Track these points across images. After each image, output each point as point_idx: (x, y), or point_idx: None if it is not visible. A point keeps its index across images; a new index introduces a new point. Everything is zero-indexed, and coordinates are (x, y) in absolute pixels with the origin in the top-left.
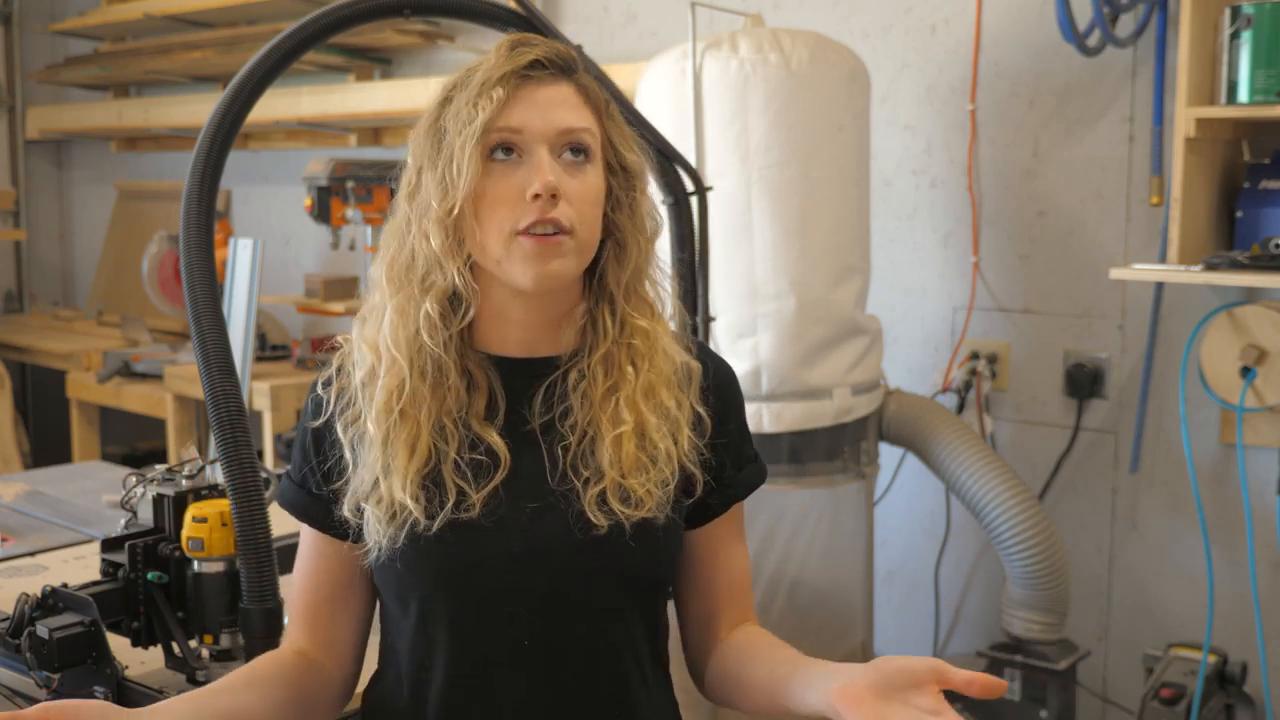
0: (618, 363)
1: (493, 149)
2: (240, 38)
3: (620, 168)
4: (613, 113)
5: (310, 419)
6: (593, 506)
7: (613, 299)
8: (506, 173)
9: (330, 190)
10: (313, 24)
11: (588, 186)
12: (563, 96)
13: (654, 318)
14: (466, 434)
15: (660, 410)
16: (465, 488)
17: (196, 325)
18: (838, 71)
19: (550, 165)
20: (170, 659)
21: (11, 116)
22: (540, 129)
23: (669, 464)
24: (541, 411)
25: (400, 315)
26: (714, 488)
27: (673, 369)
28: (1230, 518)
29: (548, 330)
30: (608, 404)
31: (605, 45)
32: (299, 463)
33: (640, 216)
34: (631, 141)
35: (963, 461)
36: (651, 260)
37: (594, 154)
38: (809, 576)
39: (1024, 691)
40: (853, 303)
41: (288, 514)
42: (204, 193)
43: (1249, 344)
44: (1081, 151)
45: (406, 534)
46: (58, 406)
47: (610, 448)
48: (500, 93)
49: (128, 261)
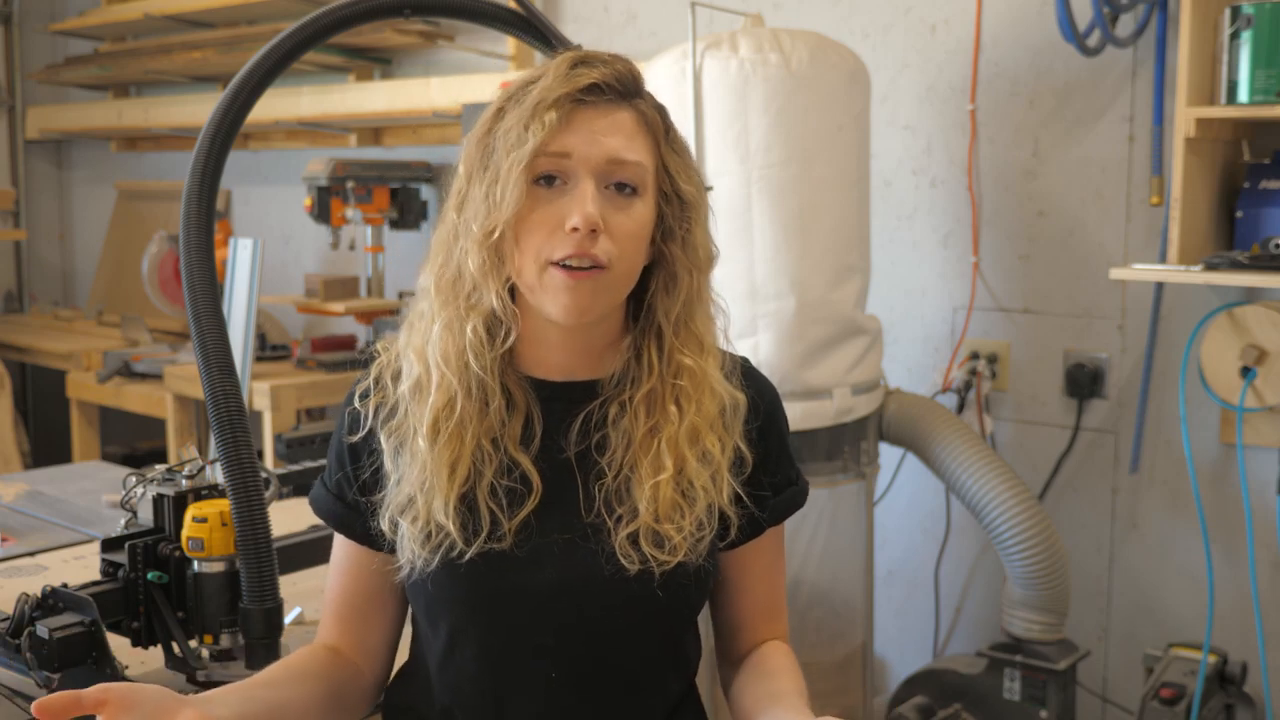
0: (661, 402)
1: (538, 177)
2: (240, 38)
3: (675, 196)
4: (673, 139)
5: (347, 433)
6: (625, 546)
7: (660, 332)
8: (550, 199)
9: (330, 190)
10: (313, 24)
11: (633, 221)
12: (618, 124)
13: (703, 353)
14: (504, 458)
15: (702, 455)
16: (499, 514)
17: (196, 325)
18: (838, 71)
19: (593, 197)
20: (170, 659)
21: (11, 116)
22: (588, 156)
23: (705, 509)
24: (578, 440)
25: (448, 331)
26: (753, 515)
27: (719, 408)
28: (1230, 518)
29: (588, 356)
30: (649, 445)
31: (605, 45)
32: (334, 471)
33: (693, 248)
34: (690, 171)
35: (963, 461)
36: (704, 294)
37: (645, 187)
38: (809, 576)
39: (1024, 691)
40: (853, 303)
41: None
42: (204, 193)
43: (1249, 344)
44: (1081, 151)
45: (441, 558)
46: (58, 406)
47: (648, 490)
48: (553, 116)
49: (128, 261)
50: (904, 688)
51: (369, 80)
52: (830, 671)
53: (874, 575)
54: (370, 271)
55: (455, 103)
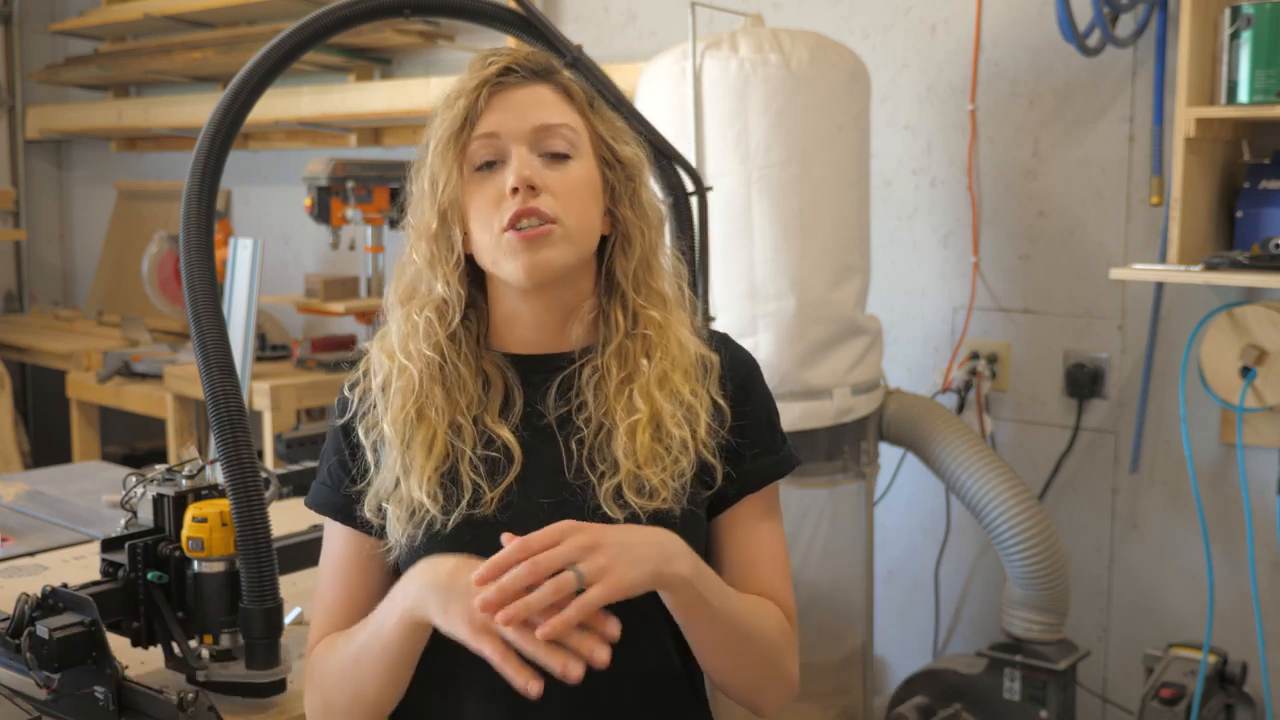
0: (631, 354)
1: (478, 165)
2: (240, 38)
3: (616, 161)
4: (600, 108)
5: (338, 418)
6: (608, 499)
7: (623, 293)
8: (491, 178)
9: (330, 190)
10: (313, 24)
11: (570, 177)
12: (539, 97)
13: (667, 308)
14: (481, 432)
15: (675, 398)
16: (481, 484)
17: (196, 325)
18: (838, 71)
19: (526, 160)
20: (170, 659)
21: (11, 116)
22: (515, 129)
23: (685, 454)
24: (557, 406)
25: (406, 324)
26: (733, 478)
27: (689, 359)
28: (1230, 518)
29: (560, 327)
30: (621, 395)
31: (605, 45)
32: (331, 462)
33: (643, 207)
34: (625, 134)
35: (963, 461)
36: (659, 250)
37: (580, 148)
38: (809, 576)
39: (1024, 691)
40: (853, 303)
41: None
42: (204, 193)
43: (1249, 344)
44: (1081, 151)
45: (424, 532)
46: (58, 406)
47: (625, 438)
48: (465, 102)
49: (128, 261)
50: (904, 688)
51: (369, 80)
52: (830, 671)
53: (874, 575)
54: (370, 271)
55: None
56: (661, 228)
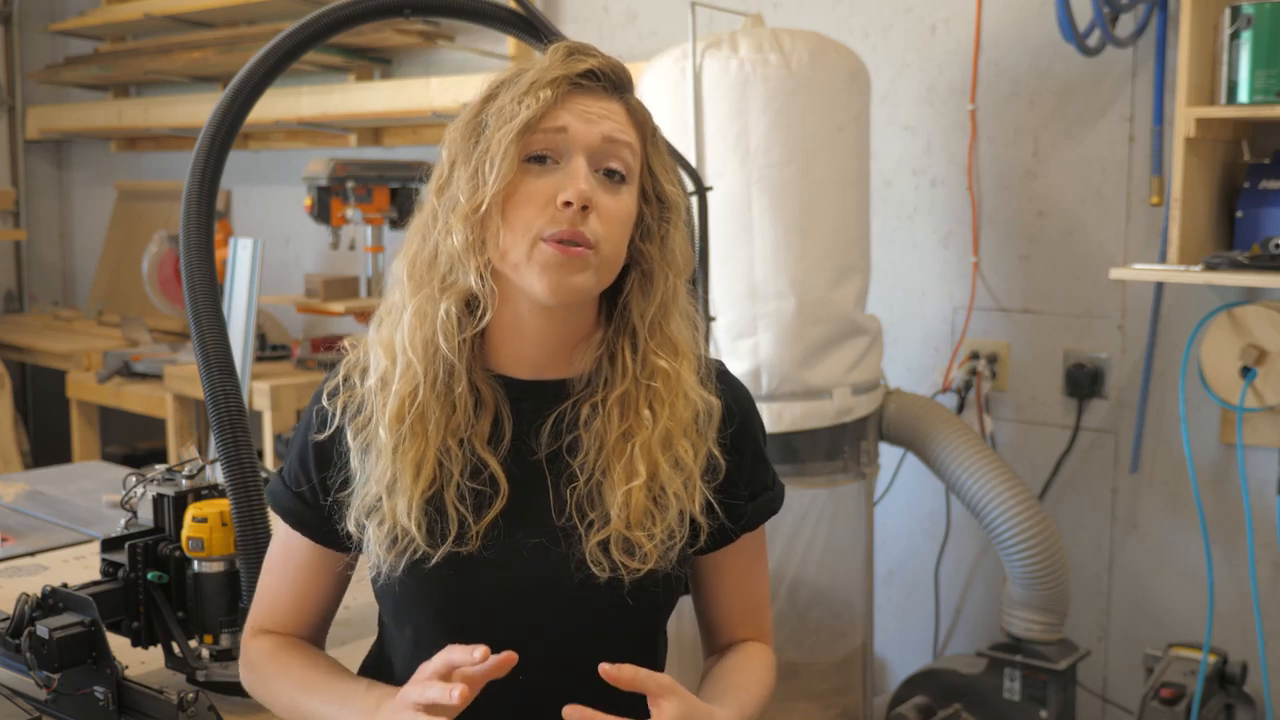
0: (635, 405)
1: (531, 155)
2: (240, 38)
3: (656, 197)
4: (657, 140)
5: (314, 431)
6: (595, 553)
7: (635, 333)
8: (541, 175)
9: (330, 190)
10: (313, 24)
11: (621, 206)
12: (611, 110)
13: (677, 356)
14: (470, 457)
15: (675, 462)
16: (466, 517)
17: (196, 325)
18: (838, 71)
19: (586, 175)
20: (170, 659)
21: (11, 116)
22: (585, 133)
23: (677, 516)
24: (549, 441)
25: (418, 316)
26: (724, 526)
27: (692, 412)
28: (1230, 518)
29: (561, 352)
30: (622, 450)
31: (605, 45)
32: (296, 471)
33: (672, 250)
34: (672, 173)
35: (963, 461)
36: (679, 298)
37: (632, 176)
38: (809, 576)
39: (1024, 691)
40: (853, 303)
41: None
42: (204, 193)
43: (1249, 344)
44: (1081, 151)
45: (406, 561)
46: (58, 406)
47: (620, 496)
48: (548, 94)
49: (128, 261)
50: (904, 688)
51: (369, 80)
52: (830, 671)
53: (874, 575)
54: (370, 271)
55: (455, 103)
56: (685, 275)
